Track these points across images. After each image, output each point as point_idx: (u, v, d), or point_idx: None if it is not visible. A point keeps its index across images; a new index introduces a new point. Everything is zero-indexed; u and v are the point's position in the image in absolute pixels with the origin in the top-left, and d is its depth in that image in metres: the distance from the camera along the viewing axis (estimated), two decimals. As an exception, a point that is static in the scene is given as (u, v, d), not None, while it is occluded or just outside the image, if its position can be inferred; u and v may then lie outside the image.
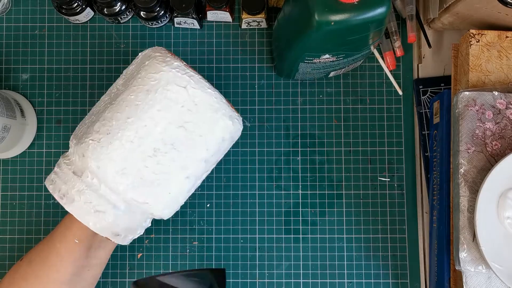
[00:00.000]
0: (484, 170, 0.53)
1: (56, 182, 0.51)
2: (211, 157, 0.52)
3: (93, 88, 0.65)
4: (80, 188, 0.50)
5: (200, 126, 0.51)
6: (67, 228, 0.53)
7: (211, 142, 0.52)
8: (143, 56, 0.53)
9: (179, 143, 0.50)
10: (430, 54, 0.65)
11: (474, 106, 0.54)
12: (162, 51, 0.51)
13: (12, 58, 0.66)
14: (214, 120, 0.51)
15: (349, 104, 0.65)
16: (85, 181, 0.50)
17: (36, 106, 0.65)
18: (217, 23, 0.66)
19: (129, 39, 0.66)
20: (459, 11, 0.57)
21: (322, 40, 0.50)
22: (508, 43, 0.56)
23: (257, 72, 0.66)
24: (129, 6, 0.63)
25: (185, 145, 0.50)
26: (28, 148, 0.65)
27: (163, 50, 0.52)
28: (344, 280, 0.63)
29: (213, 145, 0.52)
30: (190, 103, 0.50)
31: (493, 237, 0.51)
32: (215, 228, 0.64)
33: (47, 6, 0.66)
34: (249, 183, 0.64)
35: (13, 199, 0.64)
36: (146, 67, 0.50)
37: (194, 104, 0.50)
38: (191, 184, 0.52)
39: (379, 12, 0.47)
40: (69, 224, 0.53)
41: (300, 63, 0.56)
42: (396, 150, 0.64)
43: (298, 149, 0.65)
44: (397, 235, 0.64)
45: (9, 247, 0.64)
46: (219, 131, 0.52)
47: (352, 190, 0.64)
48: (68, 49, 0.66)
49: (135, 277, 0.64)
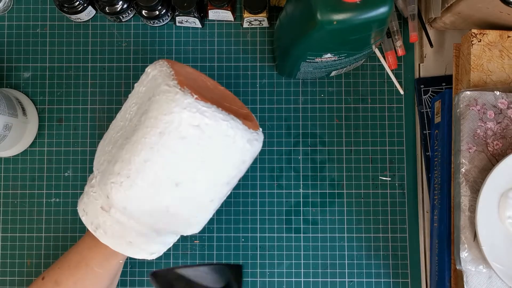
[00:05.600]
0: (485, 170, 0.53)
1: (88, 214, 0.53)
2: (233, 179, 0.53)
3: (95, 86, 0.65)
4: (110, 223, 0.51)
5: (218, 157, 0.51)
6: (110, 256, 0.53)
7: (232, 167, 0.52)
8: (152, 79, 0.51)
9: (199, 175, 0.50)
10: (431, 54, 0.65)
11: (475, 106, 0.54)
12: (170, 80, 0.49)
13: (13, 56, 0.66)
14: (231, 148, 0.51)
15: (351, 103, 0.65)
16: (114, 216, 0.51)
17: (38, 104, 0.65)
18: (219, 22, 0.66)
19: (131, 38, 0.66)
20: (460, 10, 0.57)
21: (324, 39, 0.50)
22: (510, 43, 0.57)
23: (258, 71, 0.66)
24: (130, 4, 0.63)
25: (206, 175, 0.51)
26: (30, 146, 0.65)
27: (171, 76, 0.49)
28: (345, 279, 0.63)
29: (234, 169, 0.52)
30: (205, 138, 0.49)
31: (494, 237, 0.51)
32: (216, 227, 0.64)
33: (49, 4, 0.66)
34: (250, 182, 0.64)
35: (14, 198, 0.64)
36: (156, 105, 0.48)
37: (209, 137, 0.49)
38: (215, 205, 0.54)
39: (382, 12, 0.47)
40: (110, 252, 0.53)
41: (301, 63, 0.56)
42: (397, 149, 0.65)
43: (300, 148, 0.65)
44: (398, 234, 0.64)
45: (10, 245, 0.64)
46: (239, 156, 0.52)
47: (353, 189, 0.64)
48: (70, 47, 0.66)
49: (136, 276, 0.64)
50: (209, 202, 0.52)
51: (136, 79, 0.65)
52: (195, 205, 0.52)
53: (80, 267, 0.53)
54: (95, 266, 0.53)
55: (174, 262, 0.64)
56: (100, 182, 0.51)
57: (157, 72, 0.51)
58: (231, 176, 0.52)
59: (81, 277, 0.53)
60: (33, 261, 0.64)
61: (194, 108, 0.48)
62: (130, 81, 0.65)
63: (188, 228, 0.53)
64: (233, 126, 0.50)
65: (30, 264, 0.64)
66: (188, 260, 0.64)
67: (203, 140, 0.49)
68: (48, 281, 0.54)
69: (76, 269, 0.53)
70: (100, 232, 0.52)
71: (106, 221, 0.51)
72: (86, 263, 0.53)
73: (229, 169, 0.52)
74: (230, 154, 0.51)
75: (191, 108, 0.48)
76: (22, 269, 0.64)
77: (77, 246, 0.55)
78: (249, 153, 0.52)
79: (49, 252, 0.64)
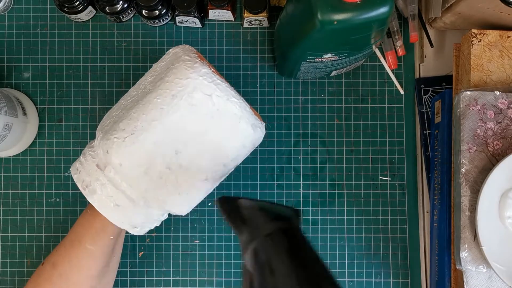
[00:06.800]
0: (485, 170, 0.53)
1: (80, 172, 0.53)
2: (231, 162, 0.53)
3: (95, 86, 0.65)
4: (103, 182, 0.51)
5: (222, 133, 0.51)
6: (100, 230, 0.53)
7: (232, 149, 0.53)
8: (173, 55, 0.53)
9: (200, 147, 0.51)
10: (431, 54, 0.65)
11: (475, 106, 0.54)
12: (191, 54, 0.51)
13: (14, 56, 0.66)
14: (236, 127, 0.52)
15: (351, 103, 0.65)
16: (108, 175, 0.51)
17: (38, 104, 0.65)
18: (219, 22, 0.66)
19: (131, 38, 0.66)
20: (461, 10, 0.57)
21: (325, 39, 0.50)
22: (510, 43, 0.57)
23: (258, 71, 0.66)
24: (131, 4, 0.63)
25: (206, 149, 0.51)
26: (30, 146, 0.65)
27: (192, 52, 0.52)
28: (345, 279, 0.63)
29: (234, 151, 0.53)
30: (214, 111, 0.50)
31: (494, 237, 0.51)
32: (216, 226, 0.64)
33: (49, 4, 0.66)
34: (250, 182, 0.64)
35: (14, 198, 0.64)
36: (175, 70, 0.50)
37: (217, 111, 0.51)
38: (209, 185, 0.53)
39: (382, 12, 0.47)
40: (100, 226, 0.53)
41: (302, 62, 0.56)
42: (397, 149, 0.65)
43: (300, 148, 0.65)
44: (398, 234, 0.64)
45: (10, 245, 0.64)
46: (241, 138, 0.53)
47: (353, 189, 0.64)
48: (70, 47, 0.66)
49: (136, 275, 0.64)
50: (203, 181, 0.52)
51: (136, 79, 0.65)
52: (189, 179, 0.52)
53: (74, 246, 0.53)
54: (87, 242, 0.53)
55: (174, 262, 0.64)
56: (101, 140, 0.51)
57: (179, 49, 0.53)
58: (230, 158, 0.53)
59: (75, 256, 0.53)
60: (33, 261, 0.64)
61: (210, 78, 0.50)
62: (130, 81, 0.65)
63: (176, 204, 0.53)
64: (241, 106, 0.52)
65: (30, 264, 0.64)
66: (188, 260, 0.64)
67: (211, 111, 0.50)
68: (47, 264, 0.54)
69: (71, 248, 0.54)
70: (89, 189, 0.51)
71: (99, 178, 0.51)
72: (79, 240, 0.53)
73: (228, 149, 0.52)
74: (233, 133, 0.52)
75: (206, 77, 0.50)
76: (22, 269, 0.64)
77: (72, 227, 0.55)
78: (250, 138, 0.53)
79: (49, 252, 0.64)
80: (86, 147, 0.54)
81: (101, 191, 0.51)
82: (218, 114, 0.51)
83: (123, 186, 0.51)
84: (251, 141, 0.54)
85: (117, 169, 0.50)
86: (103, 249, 0.54)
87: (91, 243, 0.53)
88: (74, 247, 0.53)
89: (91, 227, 0.53)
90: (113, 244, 0.55)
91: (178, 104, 0.49)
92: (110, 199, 0.51)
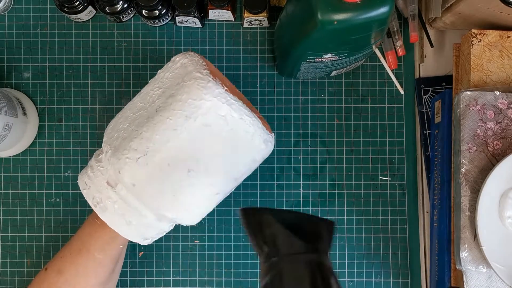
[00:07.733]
0: (485, 170, 0.53)
1: (90, 188, 0.53)
2: (242, 176, 0.54)
3: (95, 86, 0.65)
4: (114, 200, 0.51)
5: (234, 150, 0.51)
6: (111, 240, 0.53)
7: (243, 164, 0.53)
8: (181, 66, 0.52)
9: (212, 165, 0.51)
10: (431, 54, 0.65)
11: (475, 106, 0.54)
12: (202, 70, 0.50)
13: (14, 56, 0.66)
14: (248, 144, 0.52)
15: (351, 103, 0.65)
16: (119, 193, 0.51)
17: (38, 104, 0.65)
18: (219, 22, 0.66)
19: (131, 38, 0.66)
20: (461, 10, 0.57)
21: (325, 39, 0.50)
22: (510, 43, 0.57)
23: (258, 71, 0.66)
24: (131, 4, 0.63)
25: (218, 166, 0.51)
26: (30, 146, 0.65)
27: (204, 67, 0.51)
28: (345, 279, 0.63)
29: (245, 166, 0.53)
30: (227, 130, 0.50)
31: (494, 237, 0.51)
32: (216, 227, 0.64)
33: (49, 4, 0.66)
34: (250, 182, 0.64)
35: (14, 198, 0.64)
36: (187, 89, 0.49)
37: (231, 130, 0.50)
38: (219, 199, 0.54)
39: (382, 12, 0.47)
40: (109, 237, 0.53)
41: (302, 62, 0.56)
42: (397, 149, 0.65)
43: (300, 148, 0.65)
44: (398, 234, 0.64)
45: (10, 245, 0.64)
46: (252, 154, 0.53)
47: (353, 189, 0.64)
48: (70, 47, 0.66)
49: (136, 275, 0.64)
50: (214, 195, 0.53)
51: (136, 79, 0.65)
52: (201, 195, 0.52)
53: (82, 254, 0.53)
54: (96, 252, 0.53)
55: (174, 262, 0.64)
56: (111, 157, 0.51)
57: (187, 60, 0.52)
58: (241, 173, 0.53)
59: (83, 264, 0.53)
60: (33, 261, 0.64)
61: (224, 98, 0.49)
62: (130, 81, 0.65)
63: (188, 218, 0.53)
64: (254, 124, 0.51)
65: (30, 264, 0.64)
66: (188, 260, 0.64)
67: (225, 131, 0.50)
68: (51, 271, 0.54)
69: (78, 256, 0.53)
70: (101, 207, 0.51)
71: (110, 197, 0.51)
72: (87, 249, 0.53)
73: (241, 165, 0.53)
74: (245, 150, 0.52)
75: (220, 98, 0.49)
76: (22, 269, 0.64)
77: (77, 234, 0.55)
78: (261, 153, 0.54)
79: (49, 252, 0.64)
80: (93, 159, 0.54)
81: (113, 209, 0.51)
82: (231, 133, 0.50)
83: (136, 204, 0.51)
84: (262, 155, 0.54)
85: (130, 189, 0.50)
86: (112, 257, 0.54)
87: (100, 252, 0.53)
88: (83, 256, 0.53)
89: (100, 238, 0.53)
90: (122, 250, 0.55)
91: (192, 124, 0.49)
92: (122, 217, 0.51)
